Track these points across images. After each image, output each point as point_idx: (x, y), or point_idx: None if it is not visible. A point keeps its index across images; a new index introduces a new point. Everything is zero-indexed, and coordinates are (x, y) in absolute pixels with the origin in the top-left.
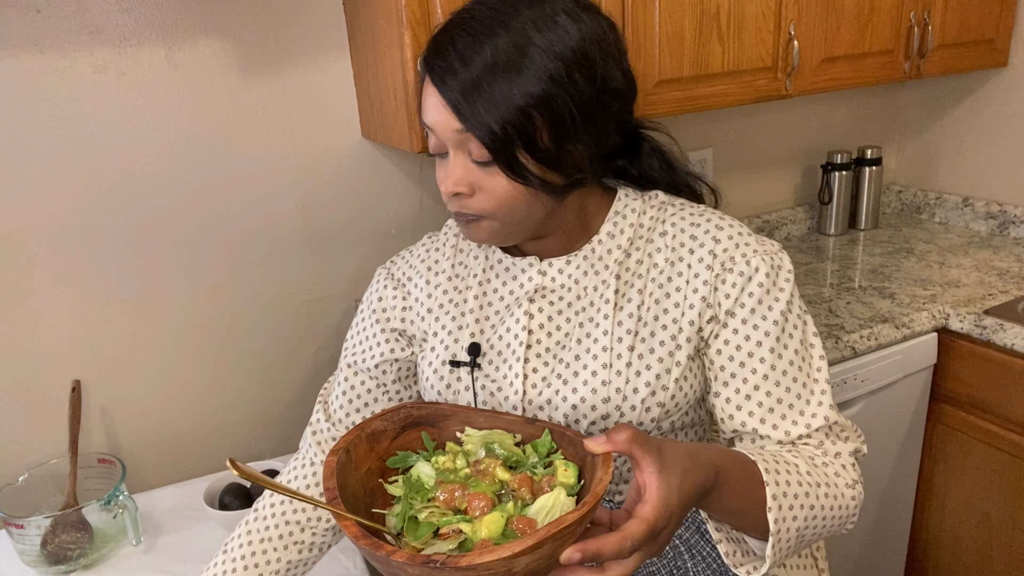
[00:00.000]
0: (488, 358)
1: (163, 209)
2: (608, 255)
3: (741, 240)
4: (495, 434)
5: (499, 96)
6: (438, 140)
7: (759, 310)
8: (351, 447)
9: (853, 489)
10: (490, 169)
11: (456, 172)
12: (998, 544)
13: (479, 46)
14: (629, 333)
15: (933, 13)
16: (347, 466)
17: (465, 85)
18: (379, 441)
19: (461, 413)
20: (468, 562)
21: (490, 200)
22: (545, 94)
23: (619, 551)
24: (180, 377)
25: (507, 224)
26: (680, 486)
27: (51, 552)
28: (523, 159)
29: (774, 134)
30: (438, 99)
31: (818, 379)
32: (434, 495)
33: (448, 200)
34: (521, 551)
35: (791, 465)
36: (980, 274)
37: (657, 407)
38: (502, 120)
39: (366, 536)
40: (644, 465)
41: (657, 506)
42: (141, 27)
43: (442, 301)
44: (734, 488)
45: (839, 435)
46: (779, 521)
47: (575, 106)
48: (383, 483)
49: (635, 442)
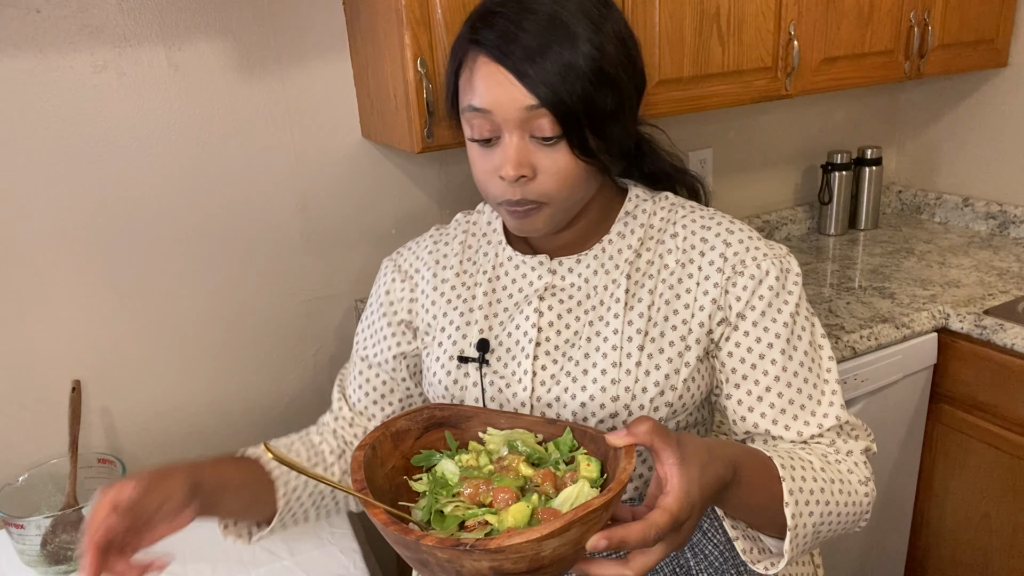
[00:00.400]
0: (497, 355)
1: (163, 209)
2: (619, 255)
3: (751, 244)
4: (517, 433)
5: (566, 67)
6: (493, 123)
7: (769, 313)
8: (377, 444)
9: (866, 486)
10: (553, 147)
11: (518, 154)
12: (998, 544)
13: (537, 22)
14: (639, 333)
15: (933, 13)
16: (373, 461)
17: (531, 54)
18: (403, 440)
19: (483, 415)
20: (497, 544)
21: (553, 180)
22: (604, 68)
23: (643, 539)
24: (180, 377)
25: (560, 209)
26: (700, 478)
27: (51, 552)
28: (587, 133)
29: (774, 134)
30: (503, 76)
31: (828, 379)
32: (459, 490)
33: (505, 190)
34: (549, 533)
35: (805, 462)
36: (980, 274)
37: (665, 407)
38: (573, 92)
39: (395, 522)
40: (664, 457)
41: (680, 496)
42: (141, 27)
43: (450, 296)
44: (752, 483)
45: (850, 434)
46: (796, 516)
47: (624, 83)
48: (408, 480)
49: (656, 433)
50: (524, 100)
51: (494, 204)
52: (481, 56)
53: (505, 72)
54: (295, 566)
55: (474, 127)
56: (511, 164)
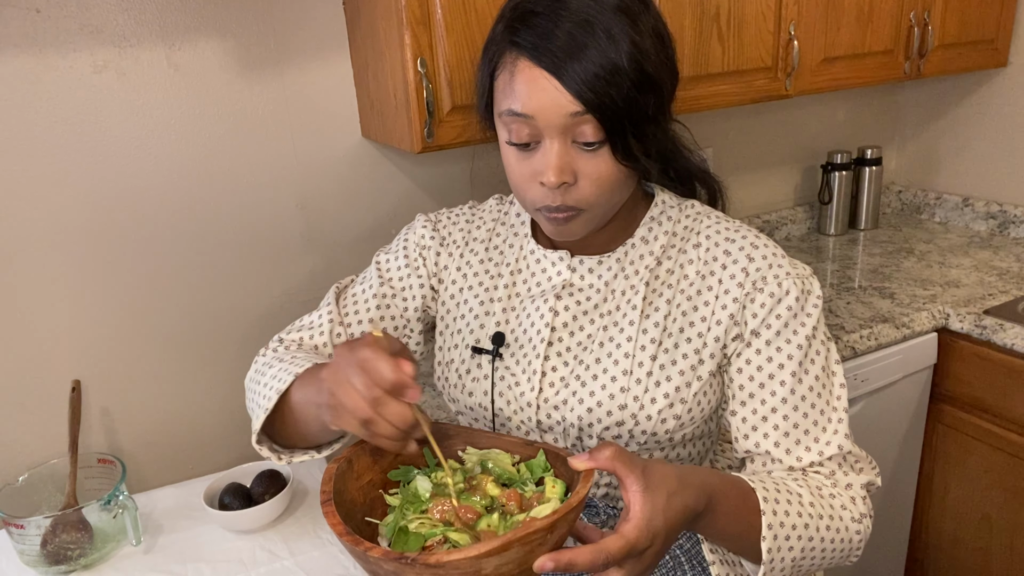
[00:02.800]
0: (510, 350)
1: (163, 209)
2: (640, 260)
3: (775, 261)
4: (493, 453)
5: (610, 70)
6: (534, 127)
7: (784, 333)
8: (354, 457)
9: (859, 523)
10: (595, 153)
11: (560, 160)
12: (998, 544)
13: (576, 22)
14: (653, 342)
15: (933, 13)
16: (347, 474)
17: (573, 56)
18: (384, 455)
19: (464, 433)
20: (437, 559)
21: (594, 187)
22: (645, 69)
23: (592, 563)
24: (180, 377)
25: (598, 215)
26: (666, 507)
27: (51, 552)
28: (630, 138)
29: (774, 134)
30: (546, 80)
31: (836, 407)
32: (428, 507)
33: (544, 195)
34: (488, 551)
35: (793, 495)
36: (980, 274)
37: (673, 419)
38: (618, 96)
39: (349, 533)
40: (628, 484)
41: (639, 524)
42: (141, 27)
43: (472, 283)
44: (728, 514)
45: (852, 466)
46: (773, 551)
47: (665, 82)
48: (383, 494)
49: (618, 460)
50: (568, 106)
51: (531, 209)
52: (522, 59)
53: (548, 76)
54: (295, 566)
55: (512, 131)
56: (553, 171)
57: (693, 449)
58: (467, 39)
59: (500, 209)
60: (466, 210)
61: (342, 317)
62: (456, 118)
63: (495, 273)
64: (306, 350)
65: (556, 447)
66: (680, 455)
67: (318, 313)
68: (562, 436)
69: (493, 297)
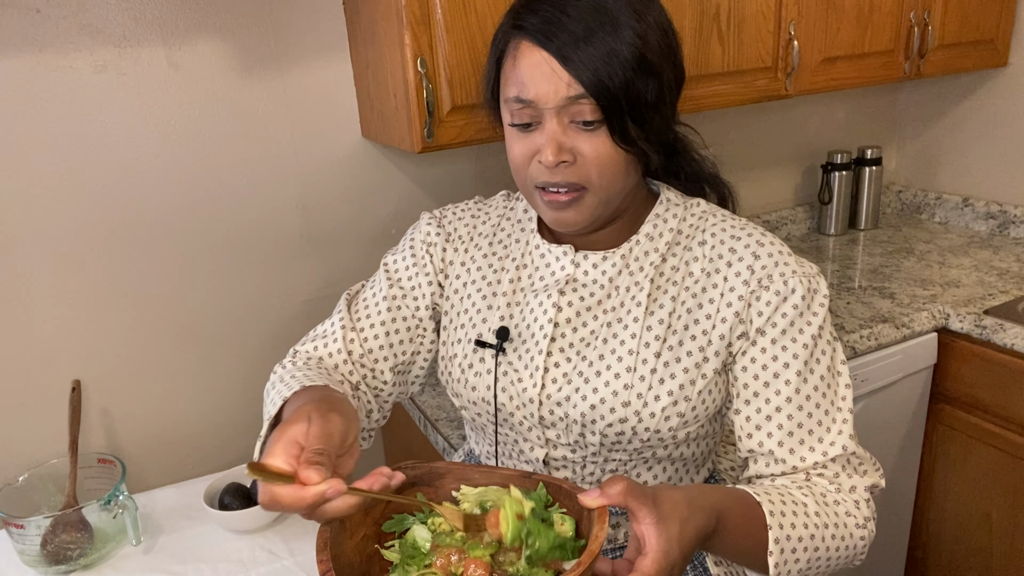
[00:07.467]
0: (513, 345)
1: (163, 209)
2: (644, 257)
3: (781, 259)
4: (491, 491)
5: (610, 53)
6: (535, 109)
7: (790, 332)
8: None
9: (863, 529)
10: (593, 133)
11: (557, 139)
12: (998, 544)
13: (581, 8)
14: (657, 339)
15: (933, 13)
16: (341, 535)
17: (575, 39)
18: (375, 504)
19: (456, 470)
20: None
21: (593, 165)
22: (647, 56)
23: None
24: (180, 377)
25: (600, 200)
26: (680, 535)
27: (51, 552)
28: (628, 121)
29: (774, 134)
30: (547, 62)
31: (841, 407)
32: (431, 560)
33: (542, 172)
34: None
35: (799, 505)
36: (980, 274)
37: (676, 417)
38: (615, 77)
39: None
40: (641, 517)
41: (658, 558)
42: (141, 27)
43: (475, 277)
44: (736, 531)
45: (856, 468)
46: (780, 565)
47: (666, 73)
48: (380, 548)
49: (630, 494)
50: (567, 87)
51: (530, 191)
52: (524, 41)
53: (549, 57)
54: (295, 566)
55: (514, 114)
56: (551, 150)
57: (697, 449)
58: (467, 39)
59: (507, 205)
60: (472, 205)
61: (354, 323)
62: (456, 118)
63: (499, 267)
64: (314, 362)
65: (557, 479)
66: (684, 454)
67: (330, 322)
68: (565, 432)
69: (497, 291)
